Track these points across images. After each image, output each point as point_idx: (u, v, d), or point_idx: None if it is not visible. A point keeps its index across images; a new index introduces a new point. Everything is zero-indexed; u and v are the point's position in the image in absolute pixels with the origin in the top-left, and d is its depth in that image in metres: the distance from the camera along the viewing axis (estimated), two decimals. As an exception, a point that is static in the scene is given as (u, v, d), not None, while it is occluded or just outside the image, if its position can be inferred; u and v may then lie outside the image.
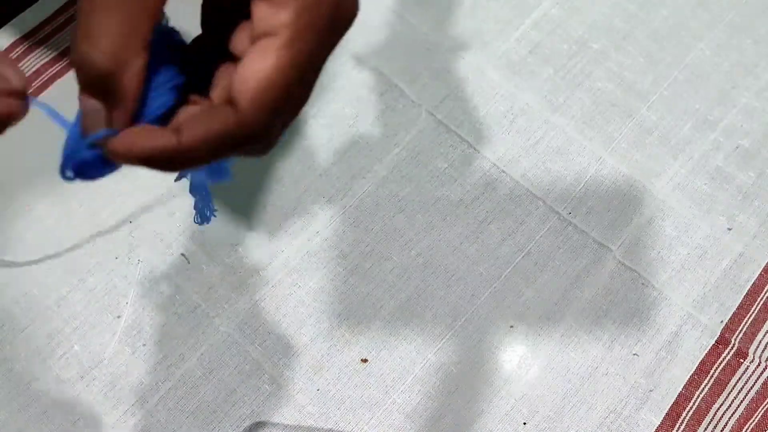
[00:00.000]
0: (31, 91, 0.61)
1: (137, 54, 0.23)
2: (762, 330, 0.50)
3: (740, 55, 0.60)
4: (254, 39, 0.24)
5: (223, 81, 0.26)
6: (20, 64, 0.59)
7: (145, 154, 0.24)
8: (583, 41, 0.61)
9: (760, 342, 0.50)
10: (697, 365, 0.49)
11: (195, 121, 0.24)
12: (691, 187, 0.55)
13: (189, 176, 0.35)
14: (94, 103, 0.24)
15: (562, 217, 0.54)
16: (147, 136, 0.24)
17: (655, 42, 0.61)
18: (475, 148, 0.56)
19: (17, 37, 0.59)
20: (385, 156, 0.56)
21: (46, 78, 0.58)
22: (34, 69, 0.58)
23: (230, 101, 0.24)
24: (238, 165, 0.32)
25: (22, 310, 0.50)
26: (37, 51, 0.59)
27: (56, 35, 0.60)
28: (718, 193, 0.55)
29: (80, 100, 0.24)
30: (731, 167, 0.56)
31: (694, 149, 0.56)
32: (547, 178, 0.55)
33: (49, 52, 0.59)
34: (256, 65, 0.23)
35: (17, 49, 0.59)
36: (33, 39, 0.59)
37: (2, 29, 0.60)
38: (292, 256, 0.52)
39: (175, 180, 0.34)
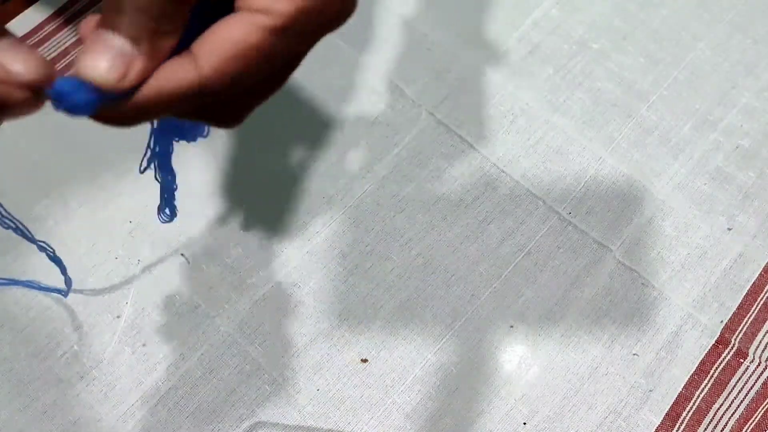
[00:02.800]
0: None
1: None
2: (762, 330, 0.50)
3: (740, 55, 0.60)
4: (242, 4, 0.23)
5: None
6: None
7: (105, 114, 0.22)
8: (583, 41, 0.61)
9: (760, 342, 0.50)
10: (697, 365, 0.49)
11: (154, 75, 0.22)
12: (691, 187, 0.55)
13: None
14: (120, 44, 0.22)
15: (562, 217, 0.54)
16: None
17: (655, 42, 0.61)
18: (475, 148, 0.56)
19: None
20: (385, 156, 0.56)
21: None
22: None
23: (194, 57, 0.23)
24: (239, 166, 0.32)
25: (22, 310, 0.50)
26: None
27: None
28: (718, 193, 0.55)
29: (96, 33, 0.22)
30: (731, 167, 0.56)
31: (694, 149, 0.56)
32: (547, 178, 0.55)
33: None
34: (232, 34, 0.22)
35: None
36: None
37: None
38: (292, 256, 0.52)
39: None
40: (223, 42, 0.22)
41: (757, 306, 0.51)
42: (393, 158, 0.56)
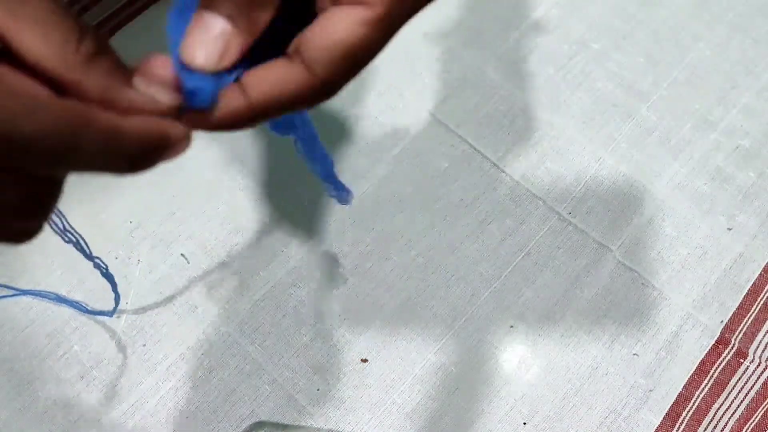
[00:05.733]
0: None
1: None
2: (762, 330, 0.50)
3: (740, 55, 0.60)
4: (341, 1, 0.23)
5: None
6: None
7: (219, 121, 0.23)
8: (583, 41, 0.61)
9: (760, 342, 0.50)
10: (697, 365, 0.49)
11: (264, 80, 0.23)
12: (691, 187, 0.55)
13: (316, 169, 0.34)
14: (222, 24, 0.22)
15: (562, 217, 0.54)
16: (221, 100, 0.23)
17: (655, 42, 0.61)
18: (475, 148, 0.56)
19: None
20: (385, 156, 0.56)
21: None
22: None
23: (304, 61, 0.23)
24: (239, 166, 0.32)
25: (22, 310, 0.50)
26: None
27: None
28: (718, 193, 0.55)
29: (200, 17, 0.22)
30: (731, 167, 0.56)
31: (694, 149, 0.56)
32: (547, 178, 0.55)
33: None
34: (340, 33, 0.22)
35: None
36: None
37: None
38: (292, 256, 0.52)
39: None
40: (331, 43, 0.22)
41: (757, 306, 0.51)
42: (393, 158, 0.56)
